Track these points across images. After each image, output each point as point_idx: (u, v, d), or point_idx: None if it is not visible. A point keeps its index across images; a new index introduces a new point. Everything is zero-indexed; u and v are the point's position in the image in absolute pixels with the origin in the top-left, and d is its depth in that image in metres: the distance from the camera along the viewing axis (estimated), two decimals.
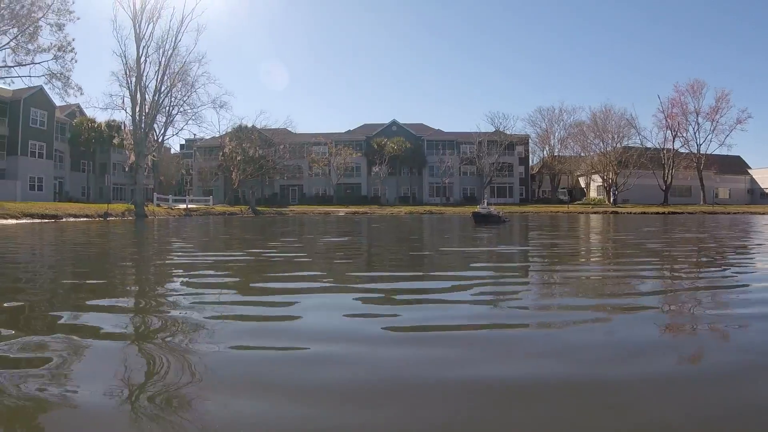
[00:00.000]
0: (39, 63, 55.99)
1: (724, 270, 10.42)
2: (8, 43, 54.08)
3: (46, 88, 62.15)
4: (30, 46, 55.20)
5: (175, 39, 59.49)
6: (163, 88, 61.31)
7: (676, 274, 10.06)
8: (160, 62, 59.77)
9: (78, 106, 79.05)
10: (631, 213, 68.22)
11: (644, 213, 67.72)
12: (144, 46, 57.35)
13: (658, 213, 67.89)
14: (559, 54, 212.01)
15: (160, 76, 59.87)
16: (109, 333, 4.84)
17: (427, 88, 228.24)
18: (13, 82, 57.56)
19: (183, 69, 65.98)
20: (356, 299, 7.00)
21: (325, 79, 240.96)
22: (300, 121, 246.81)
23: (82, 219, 42.93)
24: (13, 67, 54.99)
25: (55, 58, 56.13)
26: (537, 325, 5.38)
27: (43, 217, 39.77)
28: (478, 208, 36.71)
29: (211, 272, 10.29)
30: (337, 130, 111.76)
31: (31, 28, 54.32)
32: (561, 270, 10.54)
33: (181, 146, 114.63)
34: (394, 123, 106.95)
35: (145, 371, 3.79)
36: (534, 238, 21.57)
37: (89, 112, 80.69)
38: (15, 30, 54.09)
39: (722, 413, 3.12)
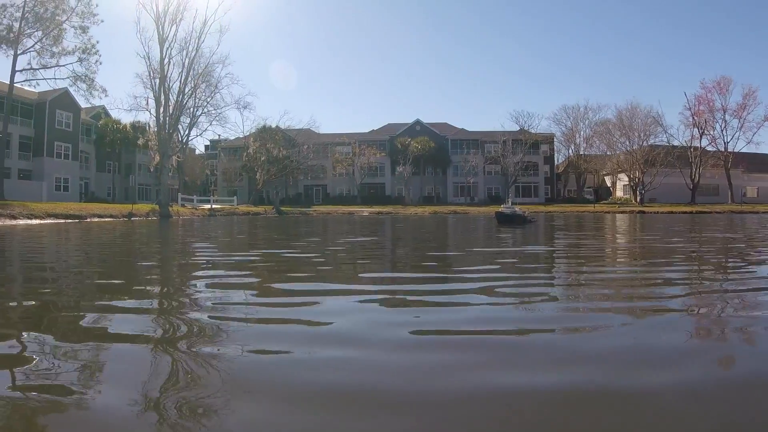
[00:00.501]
0: (63, 65, 56.39)
1: (755, 271, 10.13)
2: (33, 46, 54.67)
3: (71, 90, 62.76)
4: (54, 49, 55.72)
5: (198, 40, 59.54)
6: (186, 89, 61.51)
7: (707, 275, 9.76)
8: (183, 63, 59.96)
9: (103, 107, 79.43)
10: (658, 212, 67.02)
11: (671, 212, 66.56)
12: (167, 48, 57.45)
13: (685, 212, 66.71)
14: (583, 51, 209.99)
15: (183, 78, 60.07)
16: (128, 335, 4.82)
17: (451, 87, 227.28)
18: (39, 85, 57.97)
19: (206, 70, 66.24)
20: (379, 301, 6.86)
21: (348, 79, 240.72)
22: (324, 122, 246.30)
23: (106, 219, 42.96)
24: (38, 69, 55.39)
25: (80, 60, 56.65)
26: (562, 330, 5.17)
27: (67, 217, 39.77)
28: (501, 208, 35.61)
29: (234, 272, 10.23)
30: (361, 130, 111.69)
31: (55, 31, 54.69)
32: (588, 272, 10.21)
33: (206, 147, 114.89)
34: (417, 122, 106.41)
35: (166, 374, 3.77)
36: (560, 239, 21.35)
37: (114, 114, 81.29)
38: (39, 33, 54.62)
39: (758, 421, 3.02)
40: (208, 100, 74.46)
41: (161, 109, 58.18)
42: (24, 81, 55.71)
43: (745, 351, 4.49)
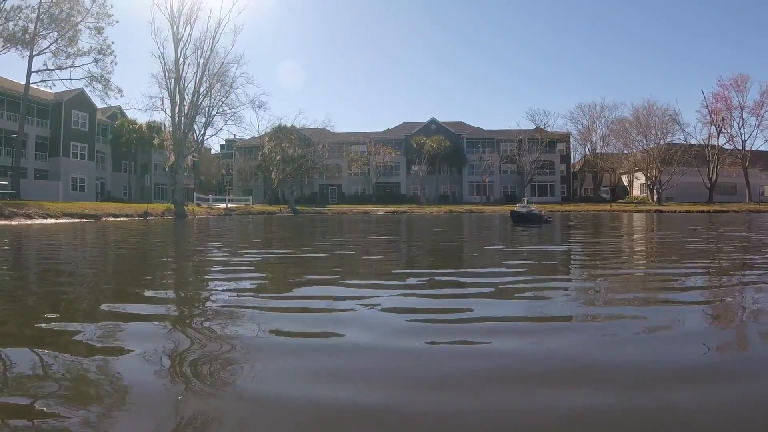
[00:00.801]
0: (79, 66, 56.66)
1: None
2: (48, 47, 54.88)
3: (87, 90, 63.10)
4: (70, 50, 56.05)
5: (213, 40, 59.56)
6: (201, 89, 61.61)
7: (734, 279, 9.15)
8: (198, 63, 60.03)
9: (119, 108, 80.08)
10: (675, 212, 66.18)
11: (689, 212, 65.77)
12: (182, 48, 57.50)
13: (702, 212, 65.84)
14: (599, 49, 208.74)
15: (198, 77, 60.19)
16: (142, 337, 4.76)
17: (466, 86, 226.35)
18: (55, 85, 58.16)
19: (221, 70, 66.36)
20: (397, 304, 6.67)
21: (363, 78, 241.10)
22: (339, 121, 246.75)
23: (121, 218, 43.03)
24: (53, 70, 55.71)
25: (95, 61, 56.97)
26: (577, 338, 4.92)
27: (82, 216, 39.80)
28: (517, 207, 34.60)
29: (246, 272, 10.19)
30: (376, 129, 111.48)
31: (70, 32, 54.93)
32: (611, 274, 9.76)
33: (222, 147, 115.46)
34: (433, 121, 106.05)
35: (186, 378, 3.72)
36: (579, 238, 20.87)
37: (130, 114, 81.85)
38: (55, 34, 54.90)
39: None
40: (223, 99, 74.71)
41: (176, 109, 58.29)
42: (40, 82, 55.99)
43: None
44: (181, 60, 57.75)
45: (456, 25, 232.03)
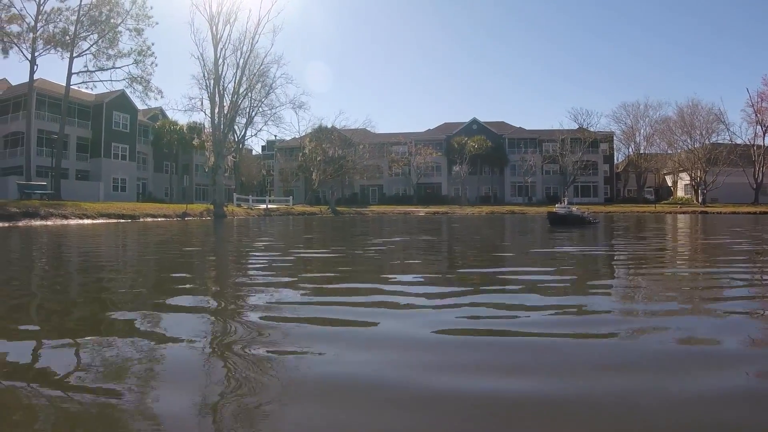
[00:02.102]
0: (119, 67, 56.72)
1: None
2: (89, 48, 55.00)
3: (128, 91, 63.38)
4: (110, 52, 56.03)
5: (252, 41, 59.55)
6: (241, 90, 61.72)
7: None
8: (237, 64, 60.24)
9: (160, 109, 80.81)
10: (721, 213, 64.16)
11: (734, 213, 63.48)
12: (221, 49, 57.55)
13: (749, 213, 63.64)
14: (642, 46, 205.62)
15: (238, 78, 60.33)
16: (179, 336, 4.66)
17: (508, 85, 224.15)
18: (96, 87, 58.39)
19: (261, 70, 66.51)
20: (432, 303, 6.50)
21: (403, 79, 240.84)
22: (379, 122, 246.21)
23: (159, 219, 42.75)
24: (94, 72, 55.89)
25: (135, 62, 56.86)
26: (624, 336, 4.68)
27: (119, 217, 39.46)
28: (555, 208, 32.17)
29: (283, 271, 10.10)
30: (417, 129, 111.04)
31: (110, 34, 55.15)
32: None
33: (263, 148, 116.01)
34: (474, 121, 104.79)
35: (218, 376, 3.73)
36: (630, 243, 19.46)
37: (171, 115, 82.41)
38: (95, 36, 55.11)
39: None
40: (262, 100, 74.86)
41: (216, 110, 58.40)
42: (81, 83, 56.03)
43: None
44: (220, 61, 57.94)
45: (496, 25, 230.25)
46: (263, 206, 68.84)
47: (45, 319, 5.68)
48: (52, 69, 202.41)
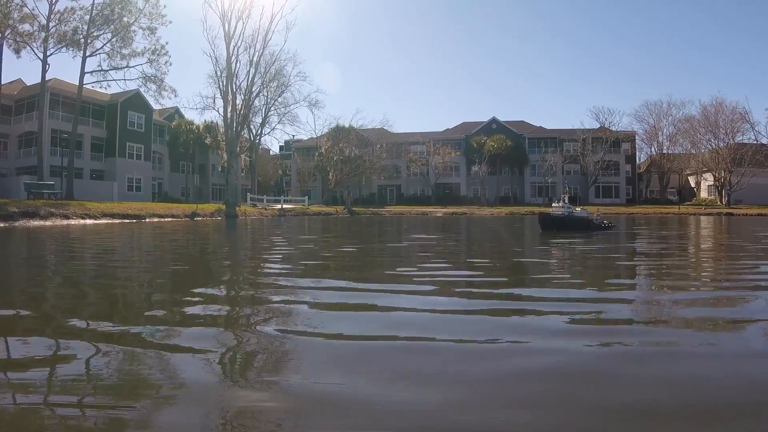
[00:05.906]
0: (133, 67, 56.46)
1: None
2: (102, 47, 54.82)
3: (142, 90, 63.08)
4: (124, 51, 55.77)
5: (265, 38, 59.20)
6: (254, 88, 61.26)
7: None
8: (250, 61, 60.00)
9: (176, 108, 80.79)
10: (747, 215, 62.47)
11: (761, 215, 61.94)
12: (234, 46, 57.21)
13: None
14: (664, 44, 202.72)
15: (251, 76, 59.96)
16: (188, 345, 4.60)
17: (528, 84, 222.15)
18: (110, 86, 58.24)
19: (276, 68, 66.03)
20: (446, 307, 6.40)
21: (422, 78, 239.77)
22: (397, 121, 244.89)
23: (166, 219, 42.19)
24: (107, 71, 55.56)
25: (149, 61, 56.57)
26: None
27: (124, 217, 38.91)
28: (552, 208, 26.84)
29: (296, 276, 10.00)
30: (435, 129, 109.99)
31: (123, 33, 54.80)
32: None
33: (280, 147, 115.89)
34: (493, 121, 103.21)
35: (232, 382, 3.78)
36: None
37: (187, 115, 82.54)
38: (108, 35, 54.88)
39: None
40: (276, 98, 74.43)
41: (229, 108, 58.11)
42: (94, 82, 55.96)
43: None
44: (233, 58, 57.62)
45: (515, 24, 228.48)
46: (278, 206, 68.49)
47: None
48: (68, 69, 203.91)
